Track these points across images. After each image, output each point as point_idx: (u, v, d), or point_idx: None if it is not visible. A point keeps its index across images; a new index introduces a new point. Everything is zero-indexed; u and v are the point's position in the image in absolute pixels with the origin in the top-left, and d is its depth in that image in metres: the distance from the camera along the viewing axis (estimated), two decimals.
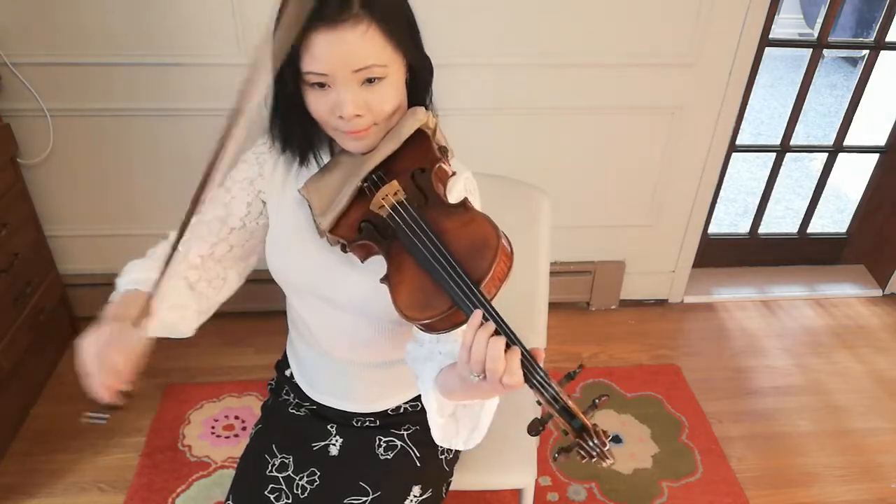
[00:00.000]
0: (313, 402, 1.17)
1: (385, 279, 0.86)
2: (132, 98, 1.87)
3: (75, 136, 1.92)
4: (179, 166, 1.99)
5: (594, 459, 0.75)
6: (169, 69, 1.83)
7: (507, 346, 0.76)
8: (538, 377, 0.76)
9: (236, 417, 1.92)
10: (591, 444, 0.75)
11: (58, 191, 2.01)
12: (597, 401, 0.77)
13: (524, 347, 0.77)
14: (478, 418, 0.92)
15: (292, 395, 1.20)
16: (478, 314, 0.77)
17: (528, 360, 0.77)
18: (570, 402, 0.76)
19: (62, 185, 2.00)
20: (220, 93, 1.87)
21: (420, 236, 0.84)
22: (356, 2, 0.82)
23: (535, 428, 0.78)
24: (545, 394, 0.76)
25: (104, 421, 0.83)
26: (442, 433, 0.93)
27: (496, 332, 0.77)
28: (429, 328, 0.83)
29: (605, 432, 0.76)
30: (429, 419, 0.92)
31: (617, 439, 1.91)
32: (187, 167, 2.00)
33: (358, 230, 0.91)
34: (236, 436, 1.87)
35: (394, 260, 0.87)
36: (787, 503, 1.78)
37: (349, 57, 0.84)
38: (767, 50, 2.11)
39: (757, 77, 2.14)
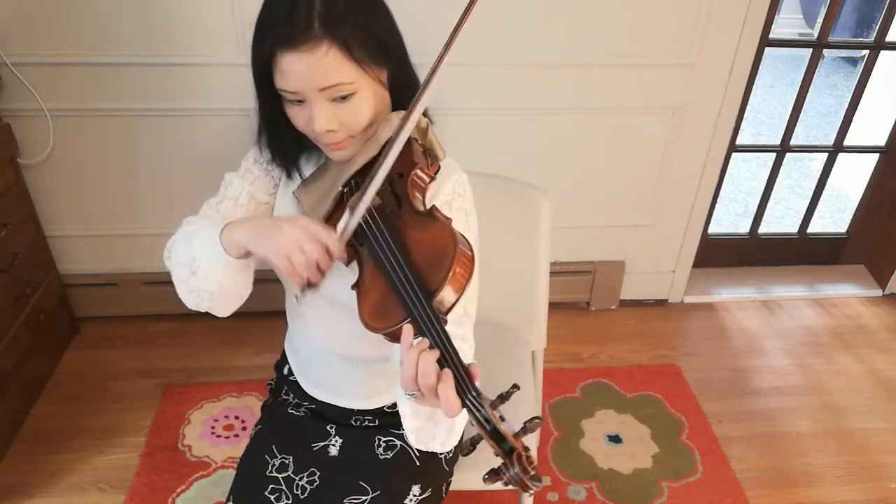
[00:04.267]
0: (313, 402, 1.17)
1: (355, 286, 0.86)
2: (132, 98, 1.87)
3: (75, 136, 1.92)
4: (179, 166, 1.99)
5: (517, 486, 0.73)
6: (169, 69, 1.83)
7: (442, 367, 0.75)
8: (469, 398, 0.75)
9: (236, 417, 1.92)
10: (513, 471, 0.72)
11: (58, 191, 2.01)
12: (527, 424, 0.75)
13: (461, 366, 0.76)
14: (454, 419, 0.91)
15: (292, 394, 1.20)
16: (408, 329, 0.77)
17: (462, 379, 0.75)
18: (500, 425, 0.73)
19: (62, 185, 2.01)
20: (220, 93, 1.88)
21: (382, 244, 0.84)
22: (317, 24, 0.83)
23: (466, 448, 0.77)
24: (477, 415, 0.74)
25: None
26: (417, 436, 0.91)
27: (432, 348, 0.75)
28: (392, 338, 0.82)
29: (529, 460, 0.73)
30: (403, 423, 0.91)
31: (617, 439, 1.91)
32: (187, 167, 2.00)
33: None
34: (236, 436, 1.87)
35: (365, 267, 0.87)
36: (787, 503, 1.78)
37: (313, 77, 0.85)
38: (767, 50, 2.11)
39: (757, 77, 2.14)
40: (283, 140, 0.98)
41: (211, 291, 0.92)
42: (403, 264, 0.80)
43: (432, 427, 0.92)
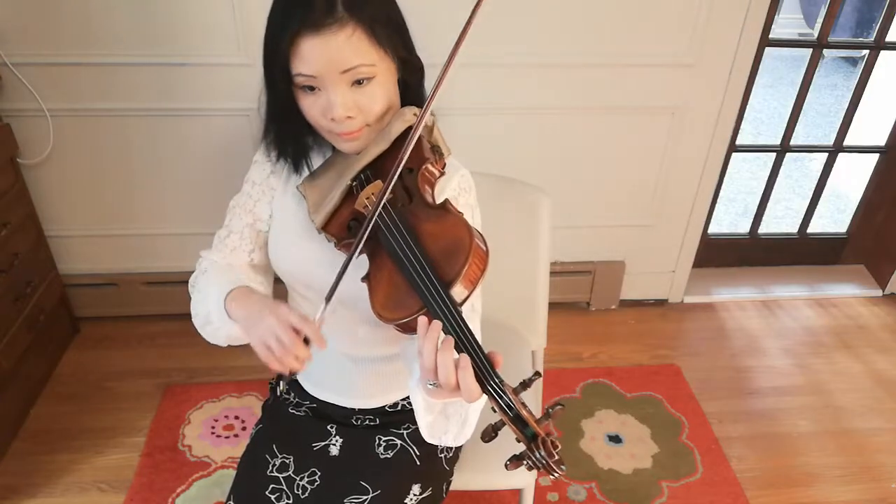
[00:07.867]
0: (313, 401, 1.17)
1: (365, 278, 0.87)
2: (132, 98, 1.87)
3: (75, 136, 1.92)
4: (180, 166, 1.99)
5: (541, 470, 0.74)
6: (169, 69, 1.83)
7: (459, 352, 0.76)
8: (492, 384, 0.76)
9: (236, 417, 1.92)
10: (537, 455, 0.73)
11: (58, 191, 2.01)
12: (551, 410, 0.76)
13: (482, 354, 0.77)
14: (466, 414, 0.93)
15: (292, 393, 1.20)
16: (423, 321, 0.78)
17: (483, 367, 0.76)
18: (523, 411, 0.75)
19: (62, 185, 2.00)
20: (220, 93, 1.88)
21: (396, 236, 0.85)
22: (340, 6, 0.84)
23: (489, 434, 0.77)
24: (499, 401, 0.75)
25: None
26: (430, 430, 0.93)
27: (457, 346, 0.76)
28: (404, 328, 0.83)
29: (554, 444, 0.74)
30: (416, 417, 0.92)
31: (617, 439, 1.91)
32: (188, 167, 2.00)
33: (347, 228, 0.92)
34: (236, 436, 1.87)
35: (375, 259, 0.88)
36: (787, 503, 1.78)
37: (336, 60, 0.85)
38: (767, 50, 2.11)
39: (757, 77, 2.14)
40: (294, 132, 0.97)
41: (225, 338, 1.00)
42: (419, 255, 0.82)
43: (444, 422, 0.93)
